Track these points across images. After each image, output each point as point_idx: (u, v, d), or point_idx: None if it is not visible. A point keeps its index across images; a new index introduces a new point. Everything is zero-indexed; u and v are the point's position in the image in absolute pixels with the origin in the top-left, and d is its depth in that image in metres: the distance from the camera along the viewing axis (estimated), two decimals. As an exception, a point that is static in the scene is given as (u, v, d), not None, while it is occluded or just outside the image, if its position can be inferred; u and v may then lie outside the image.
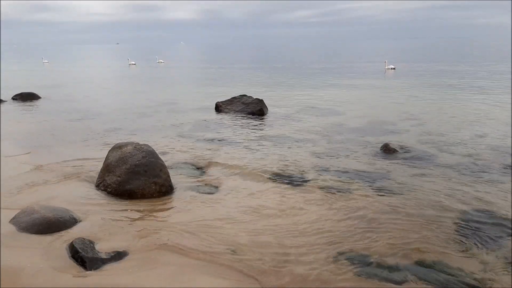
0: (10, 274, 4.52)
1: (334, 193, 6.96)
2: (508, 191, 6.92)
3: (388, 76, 30.07)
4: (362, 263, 4.83)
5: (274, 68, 40.58)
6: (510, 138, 10.29)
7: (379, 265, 4.77)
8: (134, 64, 51.13)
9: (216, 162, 8.83)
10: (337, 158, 9.05)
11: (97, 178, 7.44)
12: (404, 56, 64.50)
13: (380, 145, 9.72)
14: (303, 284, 4.45)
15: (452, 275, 4.55)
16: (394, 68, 35.07)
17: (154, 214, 6.30)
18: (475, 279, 4.49)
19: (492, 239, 5.37)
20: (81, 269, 4.69)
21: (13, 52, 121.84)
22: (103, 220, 6.00)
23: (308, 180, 7.61)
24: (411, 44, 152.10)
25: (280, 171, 8.14)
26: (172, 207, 6.55)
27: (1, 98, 18.27)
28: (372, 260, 4.89)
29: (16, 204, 6.36)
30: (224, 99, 15.84)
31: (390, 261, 4.86)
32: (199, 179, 7.79)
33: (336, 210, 6.27)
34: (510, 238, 5.37)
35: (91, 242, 5.19)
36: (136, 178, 6.90)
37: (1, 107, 16.66)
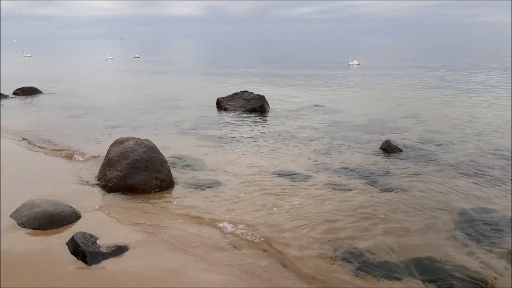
0: (10, 270, 4.51)
1: (334, 190, 6.96)
2: (508, 191, 6.92)
3: (352, 70, 32.88)
4: (361, 260, 4.83)
5: (273, 64, 40.53)
6: (510, 137, 10.29)
7: (378, 262, 4.78)
8: (111, 58, 52.82)
9: (217, 158, 8.83)
10: (338, 155, 9.05)
11: (98, 173, 7.44)
12: (386, 52, 67.50)
13: (381, 142, 9.70)
14: (301, 280, 4.45)
15: (452, 274, 4.55)
16: (359, 64, 36.87)
17: (155, 209, 6.30)
18: (474, 277, 4.49)
19: (492, 238, 5.36)
20: (82, 264, 4.68)
21: (8, 47, 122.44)
22: (104, 215, 6.01)
23: (309, 177, 7.60)
24: (406, 42, 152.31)
25: (281, 168, 8.13)
26: (173, 202, 6.55)
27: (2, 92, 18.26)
28: (371, 256, 4.89)
29: (17, 198, 6.34)
30: (225, 95, 15.81)
31: (390, 258, 4.86)
32: (200, 174, 7.78)
33: (336, 207, 6.27)
34: (510, 237, 5.36)
35: (92, 237, 5.19)
36: (137, 173, 6.90)
37: (4, 102, 16.66)
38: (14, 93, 18.54)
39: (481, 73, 27.79)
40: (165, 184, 7.06)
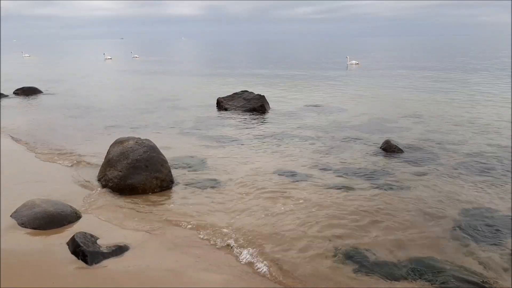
0: (10, 270, 4.52)
1: (335, 190, 6.96)
2: (508, 191, 6.92)
3: (351, 70, 33.11)
4: (362, 259, 4.84)
5: (273, 64, 40.53)
6: (511, 136, 10.29)
7: (379, 262, 4.78)
8: (110, 58, 52.65)
9: (218, 157, 8.83)
10: (339, 155, 9.05)
11: (99, 173, 7.44)
12: (386, 52, 68.02)
13: (381, 142, 9.70)
14: (302, 280, 4.46)
15: (452, 274, 4.55)
16: (357, 63, 37.09)
17: (156, 209, 6.31)
18: (475, 277, 4.49)
19: (492, 238, 5.37)
20: (82, 263, 4.68)
21: (8, 47, 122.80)
22: (104, 215, 6.01)
23: (309, 177, 7.61)
24: (406, 42, 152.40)
25: (281, 168, 8.13)
26: (173, 202, 6.56)
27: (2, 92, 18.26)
28: (371, 256, 4.89)
29: (17, 198, 6.34)
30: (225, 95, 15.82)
31: (390, 258, 4.87)
32: (200, 174, 7.78)
33: (336, 207, 6.27)
34: (510, 237, 5.36)
35: (93, 237, 5.19)
36: (137, 173, 6.90)
37: (4, 101, 16.66)
38: (14, 93, 18.56)
39: (481, 73, 27.78)
40: (165, 184, 7.06)
